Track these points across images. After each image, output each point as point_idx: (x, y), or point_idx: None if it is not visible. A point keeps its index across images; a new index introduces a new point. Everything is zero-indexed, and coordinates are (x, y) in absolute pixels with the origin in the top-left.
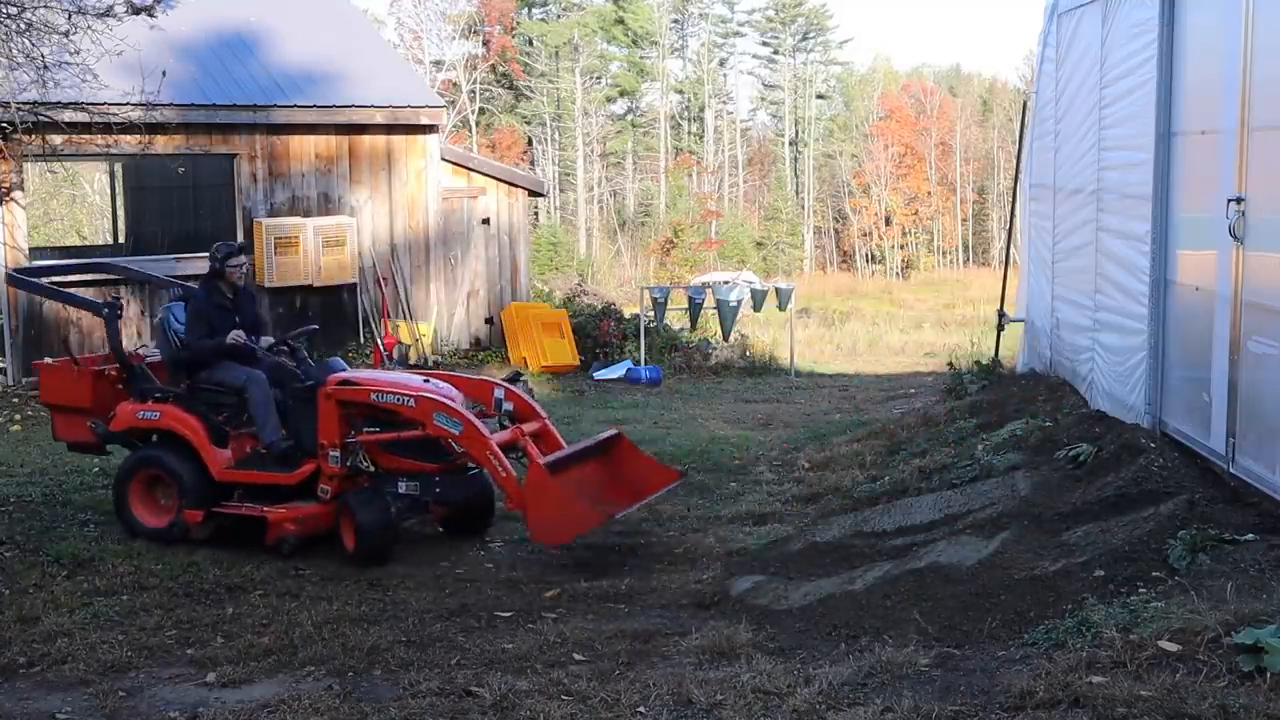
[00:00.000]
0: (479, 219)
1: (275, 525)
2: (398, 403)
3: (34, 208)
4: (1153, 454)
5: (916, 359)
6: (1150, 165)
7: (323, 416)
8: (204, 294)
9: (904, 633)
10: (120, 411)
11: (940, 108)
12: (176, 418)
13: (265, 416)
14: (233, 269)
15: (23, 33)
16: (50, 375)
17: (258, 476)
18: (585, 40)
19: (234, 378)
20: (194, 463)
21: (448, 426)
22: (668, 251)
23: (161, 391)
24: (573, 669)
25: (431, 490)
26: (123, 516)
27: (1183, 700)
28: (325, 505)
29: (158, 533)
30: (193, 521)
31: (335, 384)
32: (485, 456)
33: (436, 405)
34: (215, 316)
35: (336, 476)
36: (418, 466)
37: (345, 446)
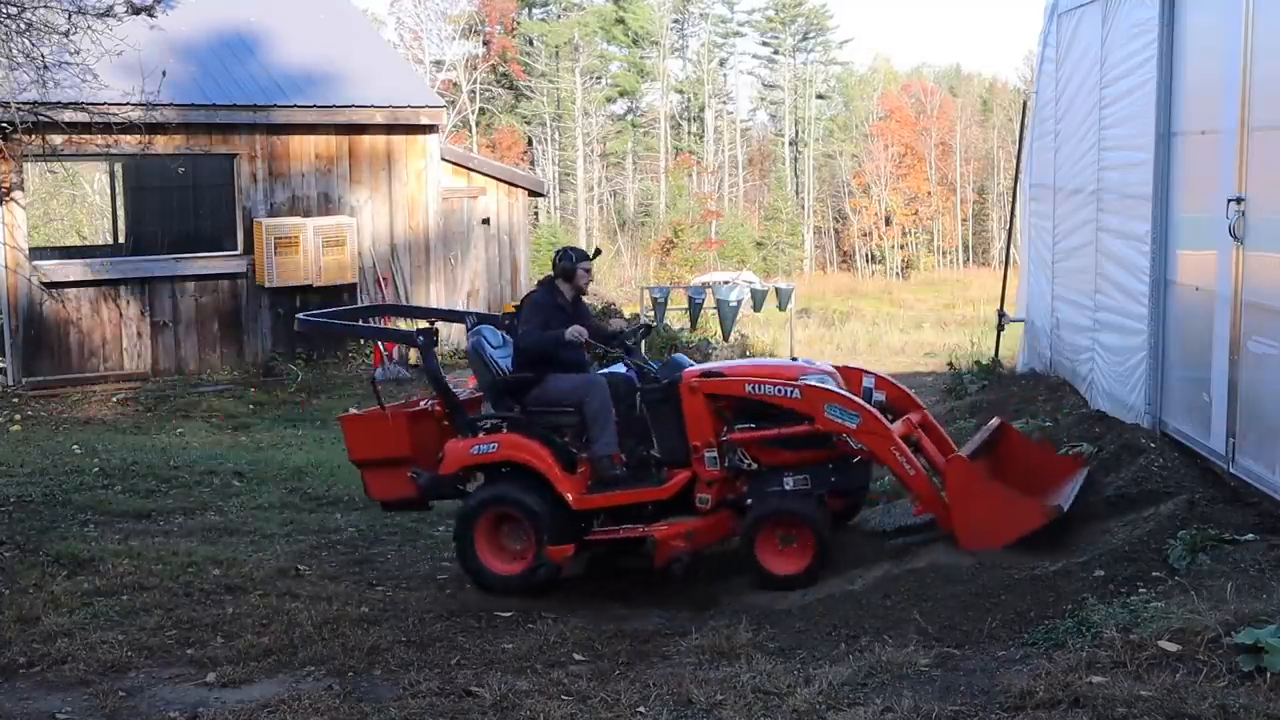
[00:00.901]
0: (479, 219)
1: (664, 544)
2: (778, 394)
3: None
4: (1153, 454)
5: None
6: (1150, 165)
7: (691, 415)
8: (545, 293)
9: (904, 633)
10: (450, 451)
11: (940, 108)
12: (518, 446)
13: (603, 427)
14: (583, 272)
15: (23, 33)
16: (358, 427)
17: (625, 496)
18: (585, 40)
19: (570, 390)
20: (547, 494)
21: (842, 420)
22: (668, 251)
23: (491, 421)
24: (573, 669)
25: (826, 481)
26: (470, 567)
27: (1183, 700)
28: (711, 516)
29: (515, 580)
30: (561, 558)
31: (697, 377)
32: (889, 453)
33: (827, 396)
34: (554, 316)
35: (716, 481)
36: (807, 456)
37: (721, 445)
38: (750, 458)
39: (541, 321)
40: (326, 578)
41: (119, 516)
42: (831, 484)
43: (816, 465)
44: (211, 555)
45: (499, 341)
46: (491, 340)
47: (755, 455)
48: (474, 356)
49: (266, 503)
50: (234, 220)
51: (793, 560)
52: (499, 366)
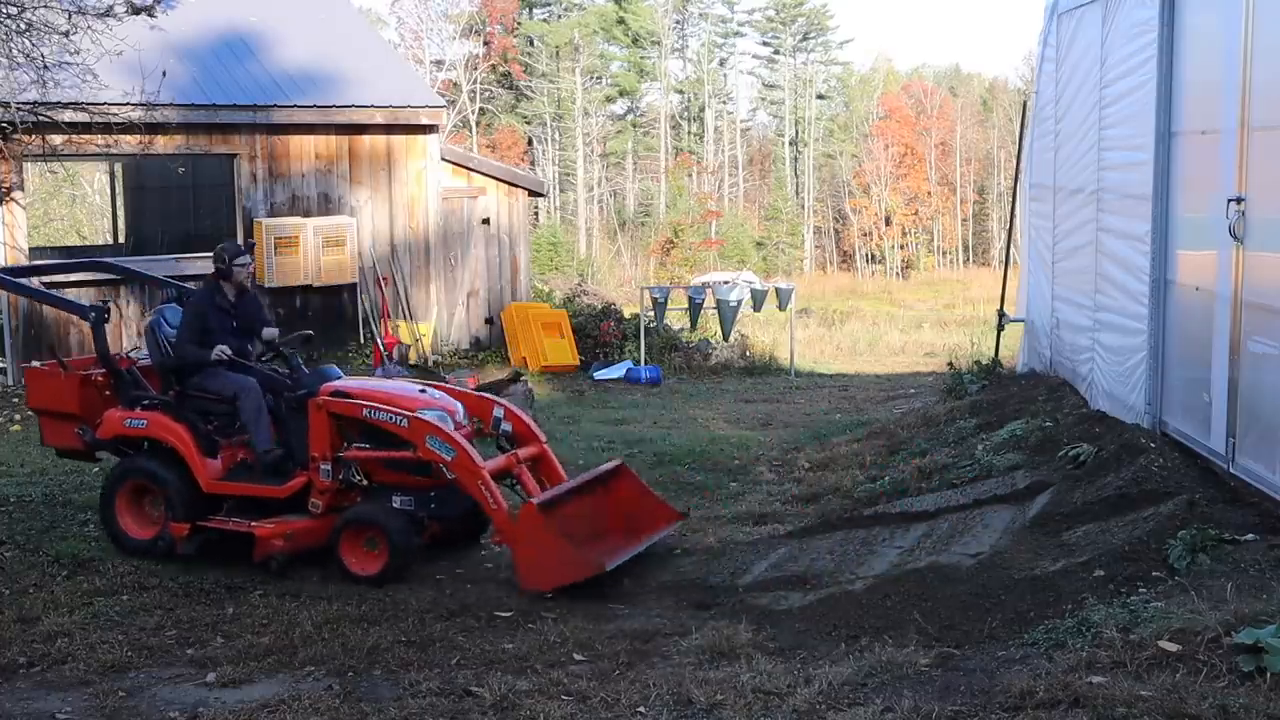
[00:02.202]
0: (479, 219)
1: (263, 541)
2: (390, 421)
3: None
4: (1153, 454)
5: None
6: (1150, 165)
7: (314, 428)
8: (205, 295)
9: (904, 633)
10: (107, 419)
11: (940, 108)
12: (164, 426)
13: (257, 425)
14: (239, 269)
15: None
16: (37, 380)
17: (247, 488)
18: (586, 40)
19: (225, 386)
20: (183, 473)
21: (440, 452)
22: (668, 251)
23: (150, 399)
24: (573, 669)
25: (427, 506)
26: (109, 528)
27: (1183, 700)
28: (317, 520)
29: (142, 545)
30: (179, 535)
31: (328, 395)
32: (476, 487)
33: (429, 429)
34: (213, 318)
35: (329, 490)
36: (414, 481)
37: (337, 460)
38: (364, 474)
39: (199, 329)
40: (326, 578)
41: None
42: (431, 510)
43: (420, 490)
44: (211, 555)
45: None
46: (170, 320)
47: (369, 472)
48: (149, 334)
49: None
50: (234, 220)
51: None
52: (169, 346)
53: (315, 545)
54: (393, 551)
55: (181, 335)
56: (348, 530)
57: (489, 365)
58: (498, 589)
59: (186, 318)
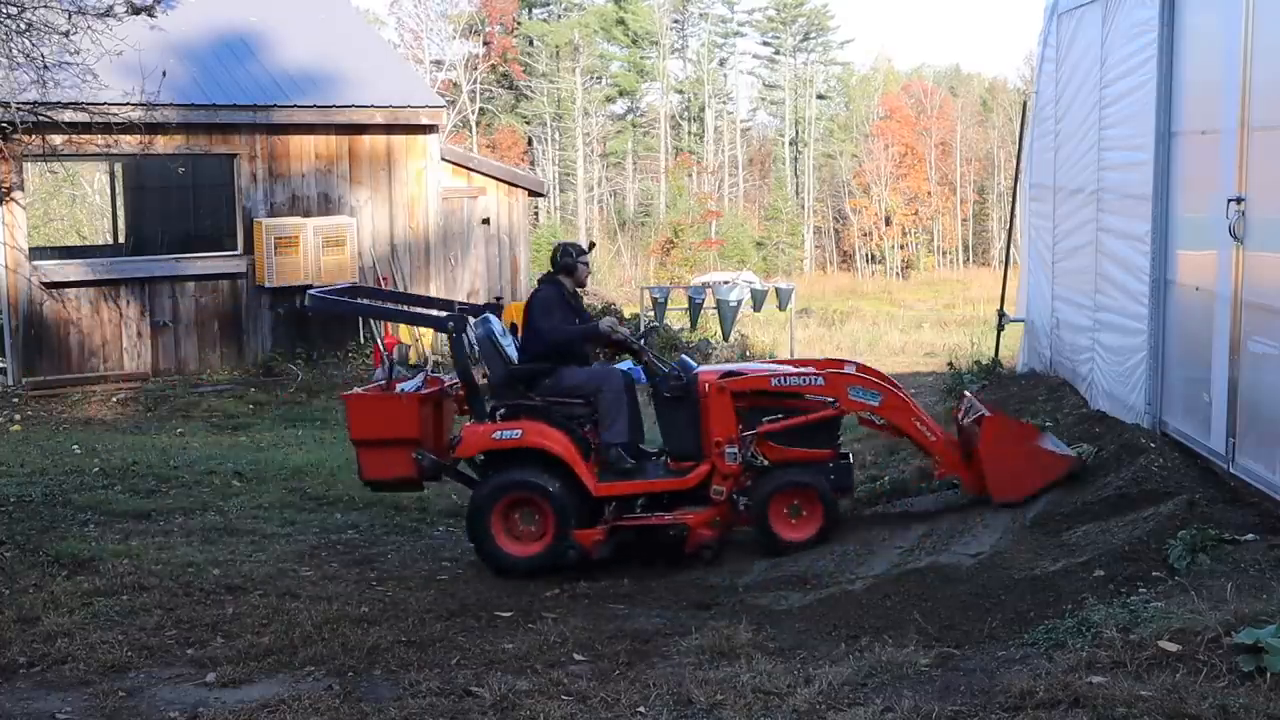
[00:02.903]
0: (479, 219)
1: (695, 531)
2: (804, 384)
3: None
4: (1153, 454)
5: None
6: (1150, 165)
7: (716, 412)
8: (554, 288)
9: (904, 633)
10: (469, 435)
11: (940, 108)
12: (542, 433)
13: (616, 417)
14: (583, 266)
15: (23, 33)
16: (364, 406)
17: (648, 485)
18: (585, 40)
19: (586, 381)
20: (568, 481)
21: (865, 399)
22: (668, 251)
23: (506, 409)
24: (573, 669)
25: (825, 478)
26: (485, 550)
27: (1183, 700)
28: (722, 507)
29: (534, 561)
30: (592, 541)
31: (720, 376)
32: (911, 424)
33: (850, 379)
34: (564, 313)
35: (733, 475)
36: (811, 454)
37: (742, 441)
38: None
39: (561, 316)
40: (326, 578)
41: (119, 516)
42: (831, 481)
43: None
44: (211, 555)
45: (504, 330)
46: (497, 329)
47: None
48: (486, 344)
49: (266, 503)
50: (234, 220)
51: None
52: (509, 355)
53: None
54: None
55: (546, 319)
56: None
57: None
58: (497, 589)
59: (543, 308)
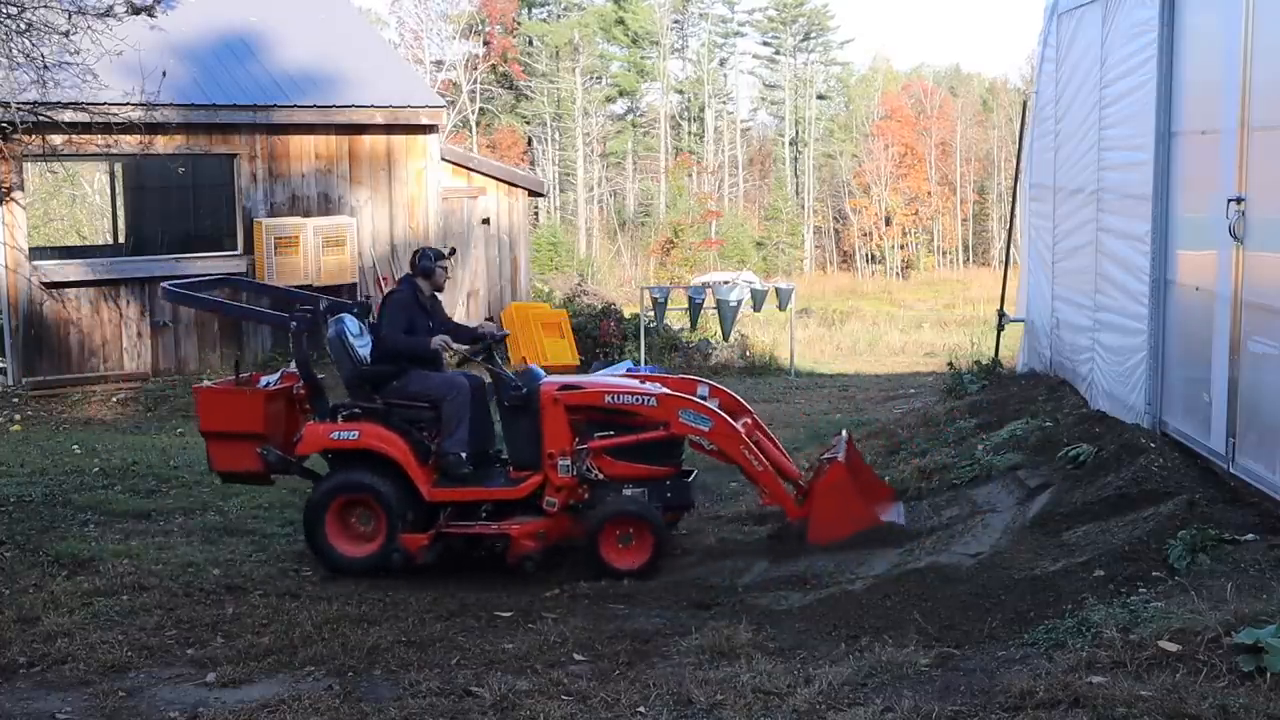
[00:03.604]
0: (479, 219)
1: (518, 542)
2: (637, 403)
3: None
4: (1153, 454)
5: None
6: (1150, 165)
7: (550, 424)
8: (408, 292)
9: (904, 633)
10: (310, 433)
11: (940, 108)
12: (379, 436)
13: (458, 426)
14: (440, 270)
15: (23, 33)
16: (212, 400)
17: (480, 493)
18: (585, 40)
19: (433, 387)
20: (402, 484)
21: (695, 424)
22: (668, 251)
23: (349, 409)
24: (573, 669)
25: (662, 496)
26: (318, 548)
27: (1183, 700)
28: (554, 519)
29: (366, 562)
30: (417, 546)
31: (558, 388)
32: (739, 452)
33: (682, 403)
34: (417, 316)
35: (566, 487)
36: (648, 471)
37: (575, 454)
38: (596, 468)
39: (406, 321)
40: (326, 578)
41: (119, 516)
42: (667, 499)
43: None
44: (211, 555)
45: (358, 330)
46: (352, 329)
47: (600, 466)
48: (335, 344)
49: (266, 503)
50: (234, 220)
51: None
52: (359, 356)
53: (559, 541)
54: (657, 543)
55: (390, 326)
56: (606, 526)
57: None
58: (497, 589)
59: (392, 312)
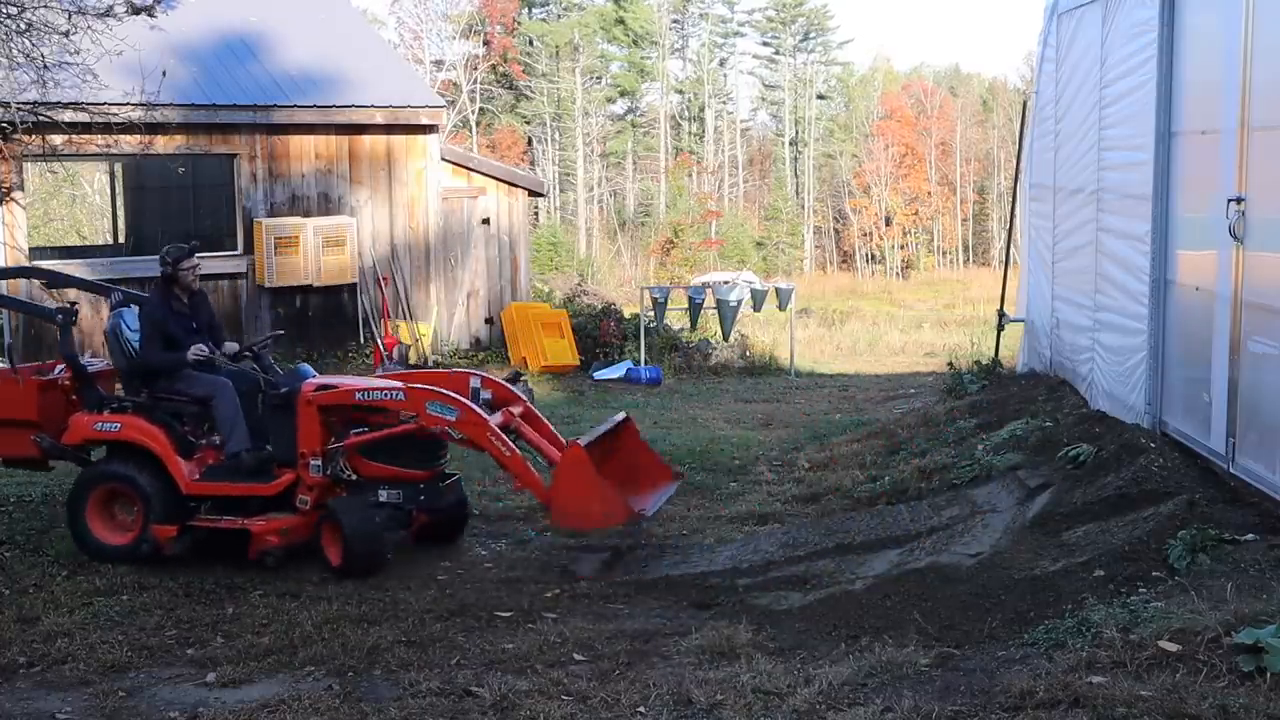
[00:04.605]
0: (479, 219)
1: (259, 538)
2: (386, 398)
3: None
4: (1153, 454)
5: (916, 359)
6: (1150, 165)
7: (303, 423)
8: (158, 301)
9: (904, 633)
10: (75, 423)
11: (940, 108)
12: (139, 429)
13: (233, 426)
14: (185, 272)
15: (23, 33)
16: None
17: (233, 488)
18: (585, 40)
19: (198, 387)
20: (160, 476)
21: (442, 414)
22: (668, 251)
23: (119, 401)
24: (573, 669)
25: (416, 498)
26: (78, 534)
27: (1183, 700)
28: (306, 516)
29: (121, 551)
30: (165, 537)
31: (314, 389)
32: (486, 439)
33: (428, 394)
34: (172, 324)
35: (317, 486)
36: (401, 473)
37: (327, 454)
38: (350, 468)
39: (162, 335)
40: (326, 578)
41: None
42: (420, 502)
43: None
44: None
45: (136, 325)
46: (130, 323)
47: (355, 466)
48: (110, 338)
49: None
50: (234, 220)
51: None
52: (133, 349)
53: (307, 540)
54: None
55: (147, 344)
56: (326, 525)
57: (489, 365)
58: (497, 589)
59: (146, 327)
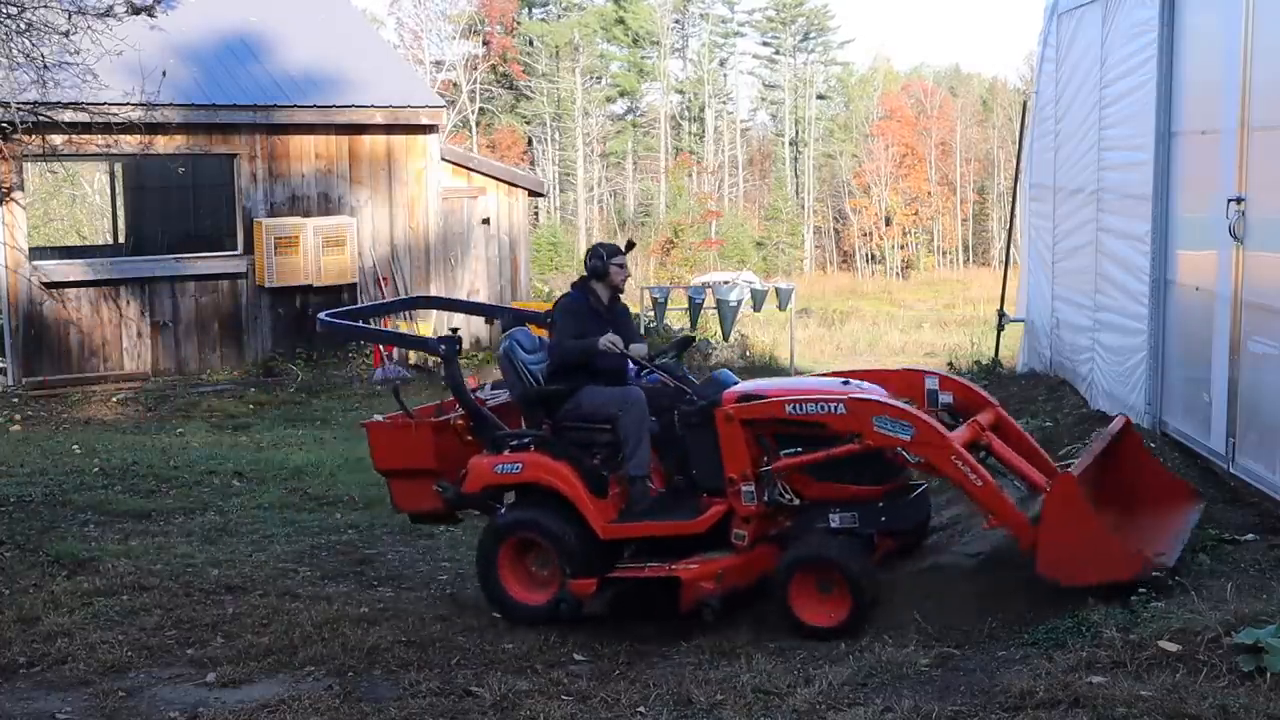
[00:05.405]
0: (479, 219)
1: (690, 585)
2: (822, 411)
3: (34, 208)
4: (1153, 454)
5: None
6: (1150, 165)
7: (726, 443)
8: (579, 296)
9: (904, 633)
10: (474, 468)
11: (940, 108)
12: (543, 467)
13: (636, 446)
14: (616, 269)
15: (23, 33)
16: (383, 436)
17: (655, 527)
18: (585, 40)
19: (605, 404)
20: (573, 520)
21: (893, 432)
22: (668, 251)
23: (520, 437)
24: (573, 669)
25: (875, 519)
26: (492, 594)
27: (1183, 700)
28: (745, 555)
29: (538, 612)
30: (584, 593)
31: (735, 401)
32: (950, 464)
33: (875, 407)
34: (589, 321)
35: (754, 517)
36: (856, 491)
37: (760, 477)
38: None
39: (576, 329)
40: (326, 578)
41: (119, 516)
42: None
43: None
44: (211, 555)
45: (533, 345)
46: (525, 344)
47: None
48: (504, 363)
49: (266, 503)
50: (234, 220)
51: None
52: (530, 375)
53: (748, 583)
54: (856, 594)
55: (559, 333)
56: (797, 573)
57: (489, 365)
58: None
59: (560, 320)
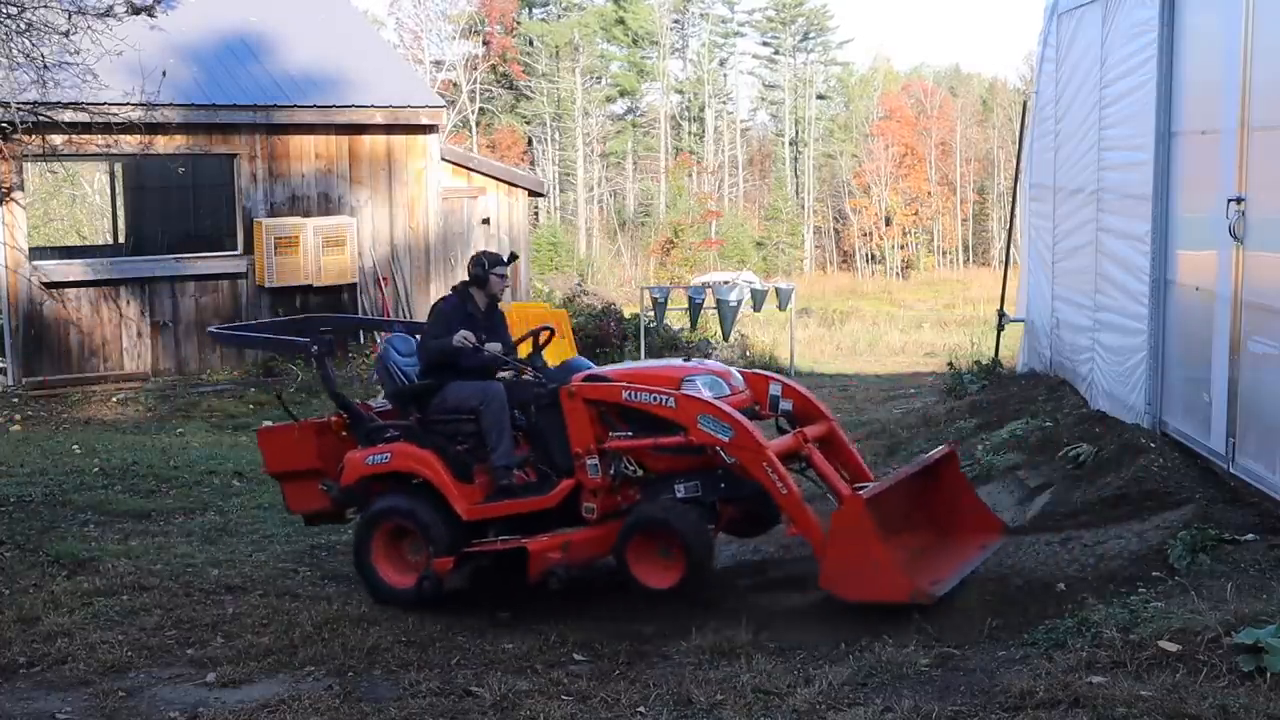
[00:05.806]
0: (479, 219)
1: (537, 557)
2: (654, 403)
3: (34, 208)
4: (1153, 454)
5: (916, 359)
6: (1150, 165)
7: (572, 421)
8: (454, 299)
9: (904, 633)
10: (349, 462)
11: (940, 108)
12: (410, 456)
13: (499, 438)
14: (496, 278)
15: (23, 33)
16: (270, 440)
17: (510, 506)
18: (585, 40)
19: (467, 397)
20: (438, 505)
21: (714, 432)
22: (668, 251)
23: (389, 430)
24: (573, 669)
25: (716, 489)
26: (367, 580)
27: (1183, 700)
28: (596, 528)
29: (407, 594)
30: (443, 570)
31: (580, 381)
32: (761, 470)
33: (701, 406)
34: (459, 324)
35: (601, 490)
36: (698, 463)
37: (603, 453)
38: (637, 464)
39: (444, 330)
40: (326, 578)
41: (119, 516)
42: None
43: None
44: (211, 555)
45: (409, 350)
46: (400, 349)
47: (643, 461)
48: (379, 365)
49: (266, 503)
50: (234, 220)
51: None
52: (404, 375)
53: (598, 555)
54: (690, 556)
55: (426, 334)
56: (635, 538)
57: None
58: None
59: (431, 321)
